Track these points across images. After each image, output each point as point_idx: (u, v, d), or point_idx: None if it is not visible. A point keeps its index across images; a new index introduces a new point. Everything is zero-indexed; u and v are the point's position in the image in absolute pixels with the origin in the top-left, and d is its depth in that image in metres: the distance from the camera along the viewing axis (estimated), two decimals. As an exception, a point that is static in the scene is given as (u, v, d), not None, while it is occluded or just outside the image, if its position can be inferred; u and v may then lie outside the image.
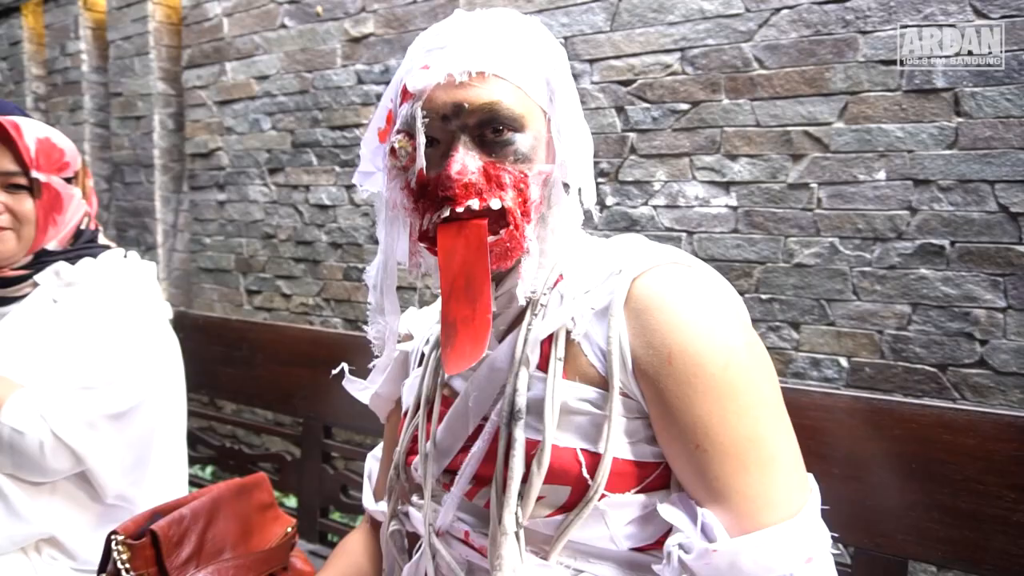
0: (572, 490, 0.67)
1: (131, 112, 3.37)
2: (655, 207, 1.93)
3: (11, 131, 1.16)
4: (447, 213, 0.67)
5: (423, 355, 0.90)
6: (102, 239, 1.34)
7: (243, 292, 3.05)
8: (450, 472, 0.76)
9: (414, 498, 0.84)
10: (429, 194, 0.69)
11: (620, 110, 1.97)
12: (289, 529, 1.30)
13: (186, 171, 3.25)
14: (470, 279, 0.67)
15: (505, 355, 0.73)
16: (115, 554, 1.03)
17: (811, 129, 1.70)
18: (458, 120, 0.67)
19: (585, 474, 0.67)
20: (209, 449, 2.03)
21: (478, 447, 0.73)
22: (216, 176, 3.08)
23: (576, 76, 2.04)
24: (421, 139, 0.67)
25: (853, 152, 1.66)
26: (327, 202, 2.69)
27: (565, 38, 2.04)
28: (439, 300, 0.77)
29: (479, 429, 0.74)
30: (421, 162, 0.67)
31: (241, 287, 3.05)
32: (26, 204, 1.18)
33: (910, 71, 1.58)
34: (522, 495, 0.68)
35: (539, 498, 0.68)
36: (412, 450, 0.83)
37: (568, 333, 0.70)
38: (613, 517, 0.68)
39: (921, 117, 1.58)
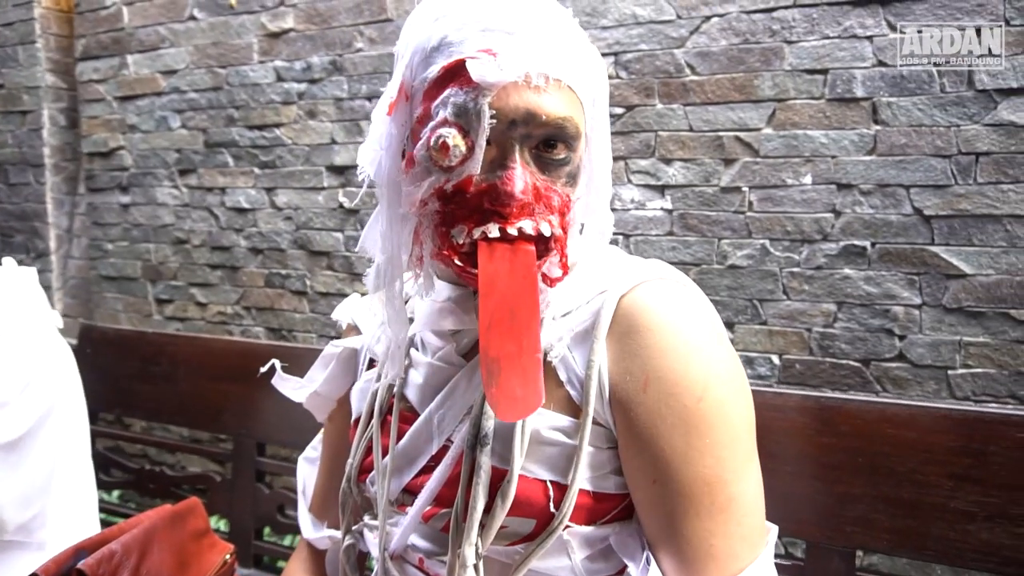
0: (536, 522, 0.64)
1: (15, 106, 3.08)
2: (591, 210, 1.95)
3: None
4: (495, 232, 0.59)
5: (372, 357, 0.83)
6: None
7: (152, 301, 2.85)
8: (408, 492, 0.72)
9: (366, 517, 0.80)
10: (468, 203, 0.60)
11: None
12: (228, 557, 1.23)
13: (82, 171, 3.00)
14: (516, 311, 0.59)
15: (473, 375, 0.68)
16: (43, 596, 0.94)
17: (742, 134, 1.76)
18: (525, 128, 0.59)
19: (552, 508, 0.63)
20: (124, 472, 1.88)
21: (440, 470, 0.68)
22: (118, 177, 2.86)
23: (510, 78, 2.03)
24: (482, 141, 0.58)
25: (781, 157, 1.73)
26: (246, 205, 2.56)
27: (498, 39, 2.03)
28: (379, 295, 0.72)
29: (443, 450, 0.69)
30: (477, 168, 0.59)
31: (150, 296, 2.85)
32: None
33: (832, 80, 1.67)
34: (483, 525, 0.64)
35: (501, 528, 0.65)
36: (365, 465, 0.77)
37: (544, 355, 0.65)
38: (576, 548, 0.66)
39: (843, 124, 1.67)
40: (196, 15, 2.58)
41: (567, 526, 0.64)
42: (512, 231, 0.59)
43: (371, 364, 0.84)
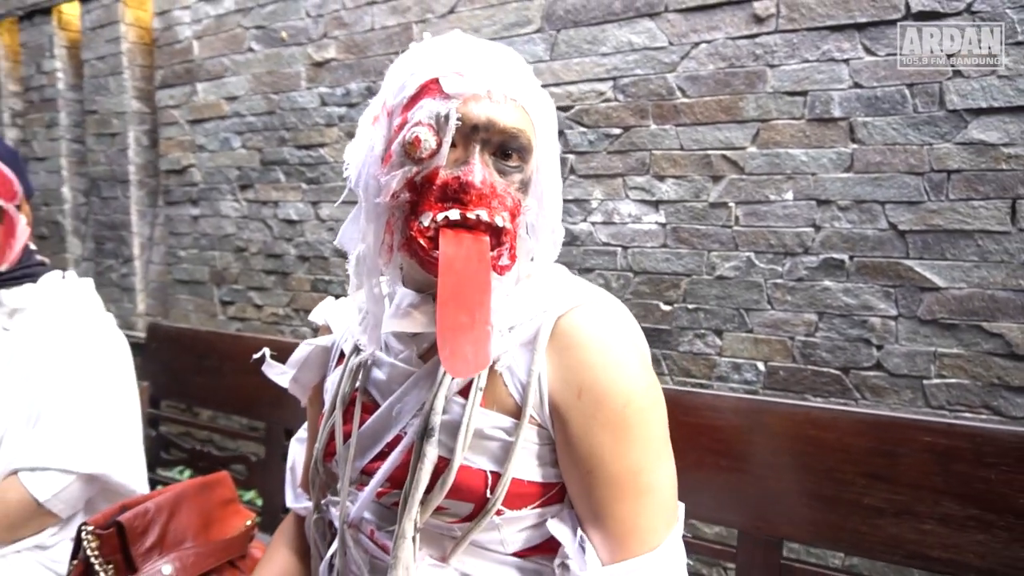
0: (475, 506, 0.75)
1: (106, 129, 3.49)
2: (593, 223, 2.09)
3: None
4: (456, 216, 0.69)
5: (342, 353, 0.93)
6: (38, 256, 1.41)
7: (217, 303, 3.17)
8: (365, 473, 0.82)
9: (330, 494, 0.91)
10: (435, 192, 0.70)
11: (560, 134, 2.12)
12: (248, 522, 1.42)
13: (161, 186, 3.37)
14: (469, 288, 0.68)
15: (428, 376, 0.78)
16: (85, 543, 1.15)
17: (728, 153, 1.86)
18: (485, 134, 0.70)
19: (488, 493, 0.74)
20: (181, 452, 2.16)
21: (394, 456, 0.78)
22: (190, 192, 3.20)
23: (521, 101, 2.19)
24: (448, 139, 0.69)
25: (765, 174, 1.82)
26: (295, 217, 2.83)
27: (511, 66, 2.20)
28: (359, 293, 0.83)
29: (398, 439, 0.79)
30: (443, 159, 0.70)
31: (215, 298, 3.18)
32: None
33: (811, 101, 1.75)
34: (424, 504, 0.74)
35: (442, 509, 0.75)
36: (330, 448, 0.87)
37: (492, 364, 0.75)
38: (506, 528, 0.77)
39: (822, 143, 1.75)
40: (253, 47, 2.88)
41: (500, 510, 0.74)
42: (471, 215, 0.69)
43: (340, 360, 0.93)
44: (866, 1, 1.66)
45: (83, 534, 1.16)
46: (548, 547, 0.79)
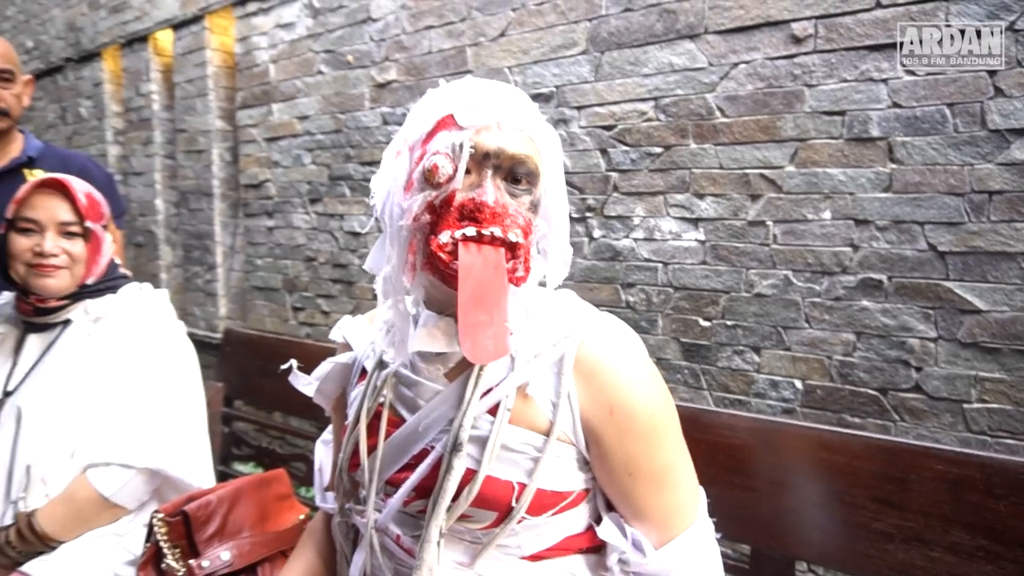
0: (498, 514, 0.82)
1: (194, 146, 3.78)
2: (635, 240, 2.14)
3: (69, 187, 1.42)
4: (472, 232, 0.76)
5: (364, 369, 0.98)
6: (121, 270, 1.58)
7: (289, 309, 3.39)
8: (390, 484, 0.88)
9: (353, 501, 0.96)
10: (453, 212, 0.77)
11: (604, 152, 2.19)
12: (302, 516, 1.55)
13: (241, 199, 3.63)
14: (486, 293, 0.75)
15: (455, 394, 0.83)
16: (155, 529, 1.31)
17: (766, 172, 1.88)
18: (496, 160, 0.78)
19: (514, 502, 0.81)
20: (249, 448, 2.35)
21: (422, 468, 0.84)
22: (266, 204, 3.44)
23: (565, 121, 2.27)
24: (463, 164, 0.77)
25: (803, 193, 1.83)
26: (359, 229, 3.00)
27: (556, 87, 2.27)
28: (378, 308, 0.91)
29: (424, 452, 0.85)
30: (459, 183, 0.77)
31: (287, 304, 3.40)
32: (78, 247, 1.43)
33: (850, 121, 1.75)
34: (449, 511, 0.81)
35: (467, 517, 0.82)
36: (354, 459, 0.93)
37: (521, 387, 0.83)
38: (524, 534, 0.84)
39: (860, 163, 1.74)
40: (323, 70, 3.07)
41: (522, 518, 0.81)
42: (485, 232, 0.76)
43: (362, 376, 0.99)
44: (906, 21, 1.65)
45: (154, 521, 1.31)
46: (559, 548, 0.86)
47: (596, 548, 0.91)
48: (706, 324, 2.02)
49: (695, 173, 2.00)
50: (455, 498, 0.81)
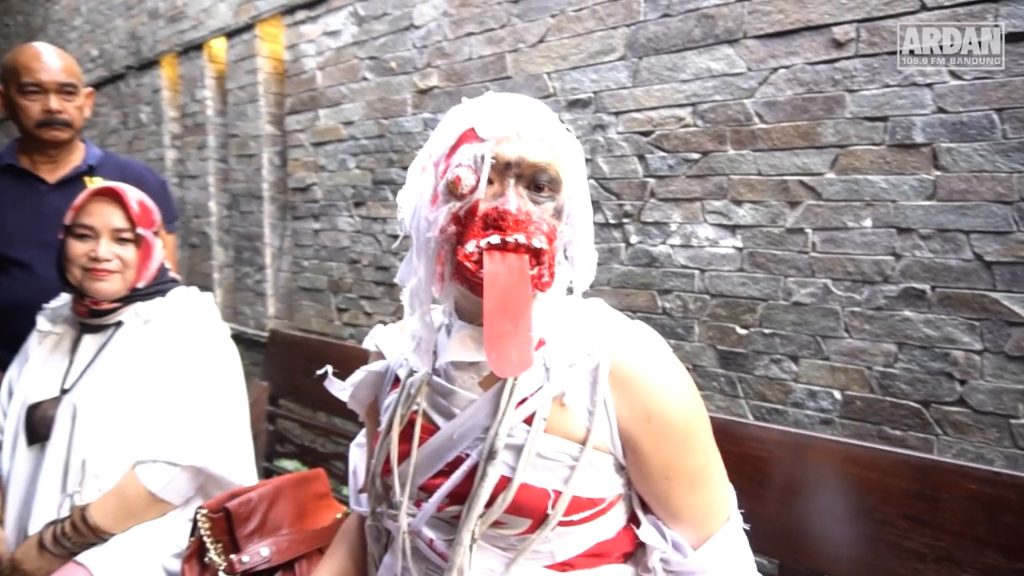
0: (533, 521, 0.83)
1: (245, 151, 3.91)
2: (672, 246, 2.13)
3: (123, 196, 1.50)
4: (496, 240, 0.78)
5: (397, 377, 1.00)
6: (170, 274, 1.65)
7: (334, 310, 3.48)
8: (423, 490, 0.90)
9: (385, 505, 0.98)
10: (477, 222, 0.79)
11: (641, 158, 2.18)
12: (339, 515, 1.59)
13: (289, 202, 3.73)
14: (511, 300, 0.77)
15: (489, 403, 0.85)
16: (199, 524, 1.37)
17: (805, 179, 1.85)
18: (517, 169, 0.80)
19: (550, 509, 0.82)
20: (292, 446, 2.43)
21: (457, 475, 0.85)
22: (312, 207, 3.53)
23: (603, 127, 2.27)
24: (485, 175, 0.79)
25: (843, 201, 1.79)
26: (400, 233, 3.05)
27: (595, 92, 2.28)
28: (405, 320, 0.91)
29: (459, 459, 0.86)
30: (481, 193, 0.79)
31: (332, 305, 3.48)
32: (130, 253, 1.50)
33: (892, 127, 1.70)
34: (482, 517, 0.83)
35: (501, 524, 0.83)
36: (387, 465, 0.94)
37: (557, 397, 0.84)
38: (557, 541, 0.86)
39: (903, 170, 1.70)
40: (367, 76, 3.14)
41: (559, 523, 0.83)
42: (510, 239, 0.78)
43: (395, 383, 1.01)
44: (953, 23, 1.60)
45: (198, 517, 1.37)
46: (590, 554, 0.88)
47: (625, 556, 0.92)
48: (743, 332, 2.00)
49: (733, 179, 1.99)
50: (489, 504, 0.82)
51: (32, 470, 1.49)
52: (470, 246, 0.79)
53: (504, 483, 0.82)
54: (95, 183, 2.10)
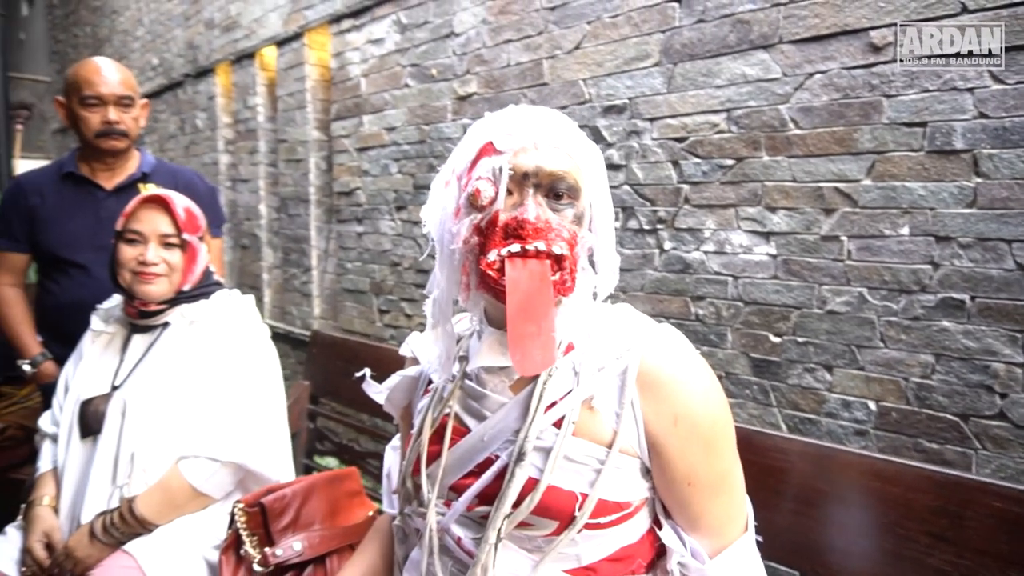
0: (559, 523, 0.85)
1: (293, 155, 4.03)
2: (706, 253, 2.12)
3: (169, 203, 1.58)
4: (517, 248, 0.80)
5: (430, 381, 1.03)
6: (216, 277, 1.73)
7: (376, 311, 3.56)
8: (452, 490, 0.92)
9: (415, 504, 1.00)
10: (498, 232, 0.82)
11: (676, 164, 2.18)
12: (371, 513, 1.64)
13: (334, 206, 3.84)
14: (534, 303, 0.79)
15: (519, 407, 0.87)
16: (236, 517, 1.43)
17: (841, 185, 1.82)
18: (535, 179, 0.83)
19: (577, 511, 0.84)
20: (331, 444, 2.50)
21: (486, 476, 0.88)
22: (356, 211, 3.62)
23: (638, 133, 2.27)
24: (504, 186, 0.82)
25: (879, 208, 1.76)
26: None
27: (630, 99, 2.28)
28: (428, 330, 0.95)
29: (488, 461, 0.89)
30: (501, 204, 0.82)
31: (374, 307, 3.57)
32: (176, 257, 1.58)
33: (931, 132, 1.66)
34: (509, 517, 0.85)
35: (528, 525, 0.85)
36: (418, 465, 0.97)
37: (586, 401, 0.86)
38: (584, 544, 0.87)
39: (942, 177, 1.65)
40: (409, 83, 3.20)
41: (586, 524, 0.84)
42: (529, 247, 0.80)
43: (428, 388, 1.03)
44: (995, 25, 1.56)
45: (235, 511, 1.43)
46: (615, 558, 0.89)
47: (646, 566, 0.93)
48: (776, 340, 1.97)
49: (767, 186, 1.97)
50: (517, 505, 0.84)
51: (85, 462, 1.58)
52: (492, 255, 0.81)
53: (532, 484, 0.84)
54: (149, 189, 2.21)
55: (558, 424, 0.85)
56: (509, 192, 0.83)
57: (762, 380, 2.01)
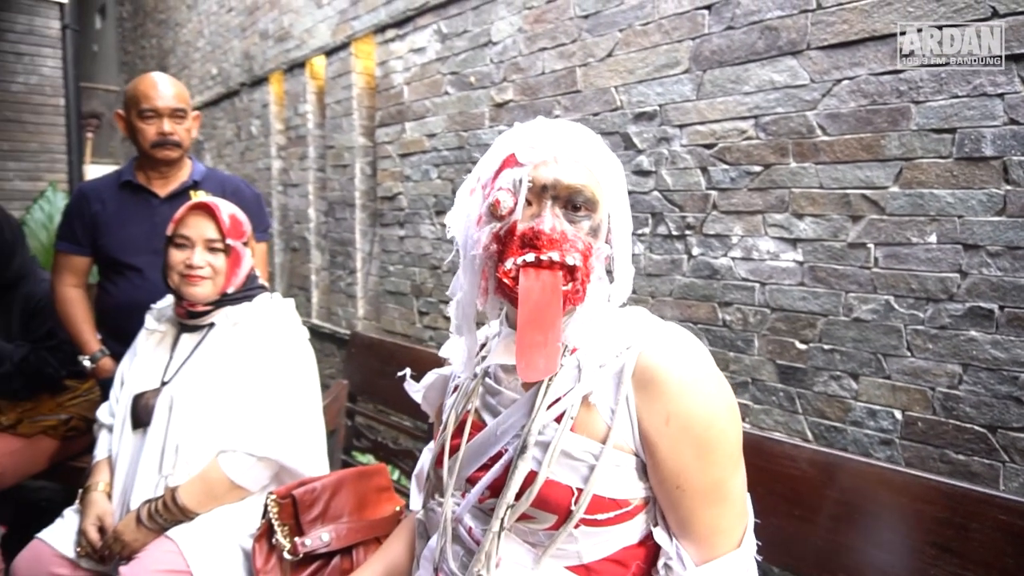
0: (558, 518, 0.88)
1: (340, 161, 4.17)
2: (733, 259, 2.12)
3: (215, 209, 1.69)
4: (531, 258, 0.84)
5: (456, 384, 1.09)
6: (260, 281, 1.82)
7: (416, 313, 3.65)
8: (469, 482, 0.97)
9: (436, 495, 1.09)
10: (515, 241, 0.86)
11: (704, 170, 2.19)
12: (398, 508, 1.71)
13: (377, 210, 3.95)
14: (544, 313, 0.83)
15: (527, 403, 0.91)
16: (268, 508, 1.52)
17: (868, 192, 1.80)
18: (553, 191, 0.87)
19: (573, 506, 0.87)
20: (367, 441, 2.60)
21: (495, 469, 0.92)
22: (398, 215, 3.73)
23: (667, 139, 2.29)
24: (522, 198, 0.86)
25: (907, 215, 1.74)
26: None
27: (660, 105, 2.30)
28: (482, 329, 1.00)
29: (499, 454, 0.93)
30: (519, 215, 0.86)
31: (414, 308, 3.66)
32: (220, 261, 1.68)
33: (960, 139, 1.64)
34: (512, 509, 0.89)
35: (530, 518, 0.89)
36: (441, 457, 1.03)
37: (585, 397, 0.89)
38: (583, 541, 0.90)
39: (971, 184, 1.63)
40: (449, 91, 3.28)
41: (582, 520, 0.86)
42: (544, 258, 0.84)
43: (456, 387, 1.09)
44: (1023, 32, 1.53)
45: (268, 502, 1.52)
46: (615, 559, 0.91)
47: (650, 569, 0.95)
48: (803, 347, 1.97)
49: (794, 192, 1.96)
50: (519, 497, 0.88)
51: (135, 452, 1.69)
52: (508, 263, 0.86)
53: (532, 477, 0.87)
54: (199, 196, 2.34)
55: (560, 420, 0.88)
56: (529, 203, 0.87)
57: (788, 387, 2.00)
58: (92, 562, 1.60)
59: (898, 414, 1.77)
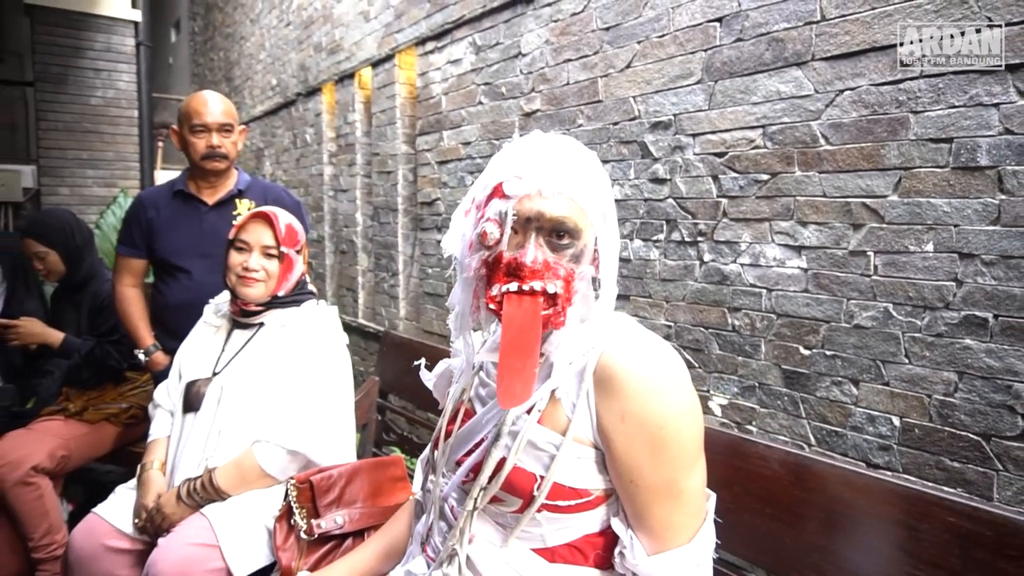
0: (523, 501, 0.97)
1: (384, 168, 4.35)
2: (742, 265, 2.17)
3: (273, 219, 1.85)
4: (514, 287, 0.91)
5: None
6: (309, 287, 1.97)
7: (452, 313, 3.78)
8: (457, 464, 1.06)
9: (432, 476, 1.16)
10: (502, 269, 0.93)
11: (715, 178, 2.24)
12: (411, 496, 1.84)
13: (418, 215, 4.11)
14: (523, 340, 0.89)
15: None
16: (289, 491, 1.66)
17: (868, 201, 1.83)
18: (537, 223, 0.92)
19: (535, 491, 0.95)
20: (396, 435, 2.74)
21: (476, 453, 1.02)
22: (436, 220, 3.88)
23: (681, 148, 2.35)
24: (508, 231, 0.92)
25: (905, 224, 1.75)
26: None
27: (674, 115, 2.36)
28: (478, 333, 1.09)
29: (482, 441, 1.02)
30: (504, 246, 0.93)
31: (450, 309, 3.79)
32: (274, 266, 1.84)
33: (957, 148, 1.65)
34: (484, 491, 0.99)
35: (500, 500, 0.98)
36: (437, 443, 1.14)
37: (552, 392, 0.97)
38: (547, 526, 0.98)
39: (967, 193, 1.64)
40: (482, 101, 3.41)
41: (543, 506, 0.94)
42: (526, 287, 0.91)
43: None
44: (1020, 42, 1.53)
45: (288, 486, 1.66)
46: (577, 545, 0.99)
47: (610, 563, 1.02)
48: (806, 353, 2.00)
49: (799, 201, 1.99)
50: (491, 480, 0.98)
51: (185, 434, 1.87)
52: (494, 290, 0.93)
53: (503, 463, 0.96)
54: (243, 203, 2.54)
55: (531, 412, 0.96)
56: (515, 231, 0.93)
57: (792, 392, 2.04)
58: (145, 534, 1.76)
59: (896, 420, 1.79)
